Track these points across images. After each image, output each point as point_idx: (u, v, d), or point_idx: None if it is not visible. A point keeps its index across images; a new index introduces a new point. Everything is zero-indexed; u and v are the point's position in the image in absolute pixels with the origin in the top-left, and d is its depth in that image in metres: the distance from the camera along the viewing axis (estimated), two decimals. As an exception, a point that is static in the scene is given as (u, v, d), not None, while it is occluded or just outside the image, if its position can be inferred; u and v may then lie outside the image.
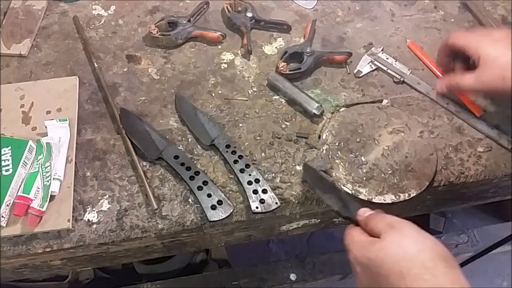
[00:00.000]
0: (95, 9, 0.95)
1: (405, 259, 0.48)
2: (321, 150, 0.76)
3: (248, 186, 0.70)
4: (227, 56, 0.89)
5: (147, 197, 0.70)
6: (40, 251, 0.66)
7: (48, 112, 0.78)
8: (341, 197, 0.61)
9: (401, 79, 0.85)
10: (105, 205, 0.70)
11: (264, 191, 0.69)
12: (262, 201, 0.69)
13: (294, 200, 0.71)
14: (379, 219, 0.54)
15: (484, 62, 0.68)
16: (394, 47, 0.91)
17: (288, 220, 0.74)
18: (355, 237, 0.54)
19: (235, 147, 0.74)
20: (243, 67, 0.87)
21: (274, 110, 0.82)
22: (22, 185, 0.67)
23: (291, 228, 0.76)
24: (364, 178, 0.72)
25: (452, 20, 0.96)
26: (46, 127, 0.74)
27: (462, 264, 1.18)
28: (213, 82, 0.85)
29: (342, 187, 0.71)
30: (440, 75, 0.83)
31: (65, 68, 0.86)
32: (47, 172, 0.67)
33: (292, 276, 1.20)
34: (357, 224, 0.57)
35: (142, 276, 1.28)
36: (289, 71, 0.83)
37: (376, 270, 0.49)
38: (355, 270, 0.52)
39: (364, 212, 0.57)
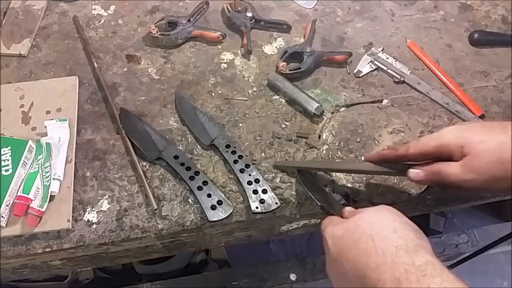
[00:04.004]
0: (95, 9, 0.95)
1: (379, 223, 0.49)
2: (321, 150, 0.76)
3: (248, 186, 0.70)
4: (227, 56, 0.89)
5: (147, 197, 0.70)
6: (40, 251, 0.66)
7: (48, 112, 0.78)
8: (327, 198, 0.65)
9: (402, 79, 0.85)
10: (104, 205, 0.70)
11: (264, 191, 0.69)
12: (262, 201, 0.69)
13: (294, 200, 0.71)
14: (359, 209, 0.56)
15: (474, 147, 0.53)
16: (394, 47, 0.91)
17: (288, 220, 0.74)
18: (334, 219, 0.57)
19: (235, 147, 0.74)
20: (243, 67, 0.87)
21: (274, 110, 0.81)
22: (22, 185, 0.66)
23: (291, 228, 0.76)
24: (364, 178, 0.72)
25: (452, 20, 0.96)
26: (46, 127, 0.74)
27: (461, 262, 1.18)
28: (213, 82, 0.85)
29: (342, 187, 0.71)
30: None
31: (64, 68, 0.86)
32: (46, 172, 0.67)
33: (292, 276, 1.20)
34: None
35: (142, 276, 1.28)
36: (289, 70, 0.83)
37: (350, 238, 0.50)
38: (327, 246, 0.53)
39: (349, 208, 0.59)
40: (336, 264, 0.51)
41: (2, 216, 0.65)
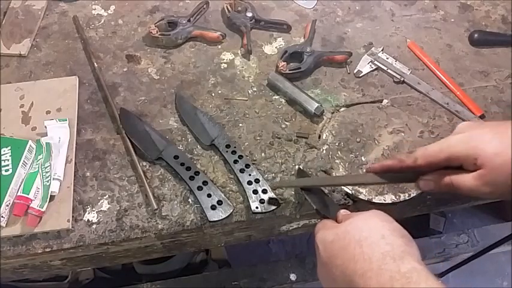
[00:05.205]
0: (95, 9, 0.95)
1: (368, 229, 0.49)
2: (321, 150, 0.76)
3: (248, 186, 0.70)
4: (227, 56, 0.89)
5: (147, 197, 0.70)
6: (40, 251, 0.66)
7: (48, 112, 0.78)
8: (324, 200, 0.64)
9: (402, 79, 0.85)
10: (104, 205, 0.70)
11: (264, 191, 0.69)
12: (262, 201, 0.69)
13: (294, 200, 0.71)
14: (353, 213, 0.56)
15: (489, 160, 0.51)
16: (394, 47, 0.91)
17: (288, 220, 0.74)
18: (327, 223, 0.56)
19: (235, 147, 0.74)
20: (243, 67, 0.87)
21: (274, 110, 0.81)
22: (22, 185, 0.66)
23: (291, 228, 0.76)
24: (364, 178, 0.72)
25: (452, 20, 0.96)
26: (46, 127, 0.74)
27: (462, 264, 1.18)
28: (213, 82, 0.85)
29: (342, 187, 0.71)
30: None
31: (64, 68, 0.86)
32: (46, 172, 0.67)
33: (292, 276, 1.20)
34: None
35: (142, 276, 1.28)
36: (289, 70, 0.83)
37: (340, 243, 0.50)
38: (318, 251, 0.53)
39: (343, 212, 0.59)
40: (326, 269, 0.51)
41: (2, 216, 0.65)
